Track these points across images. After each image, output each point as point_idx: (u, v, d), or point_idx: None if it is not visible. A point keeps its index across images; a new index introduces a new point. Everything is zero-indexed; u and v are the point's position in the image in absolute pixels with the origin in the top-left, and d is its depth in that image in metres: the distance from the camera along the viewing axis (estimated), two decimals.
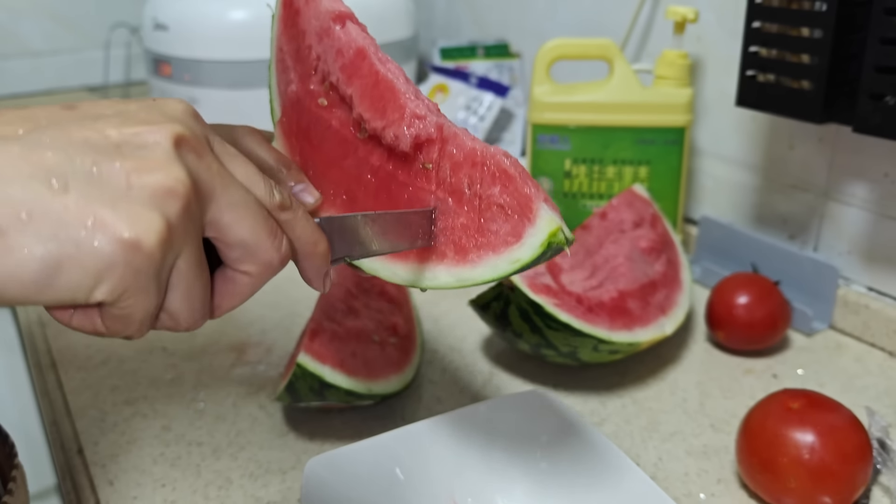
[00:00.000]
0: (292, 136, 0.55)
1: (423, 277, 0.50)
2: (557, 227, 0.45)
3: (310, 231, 0.44)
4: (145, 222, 0.34)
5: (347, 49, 0.51)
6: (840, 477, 0.59)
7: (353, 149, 0.52)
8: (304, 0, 0.54)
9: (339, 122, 0.53)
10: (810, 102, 0.75)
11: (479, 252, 0.47)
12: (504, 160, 0.47)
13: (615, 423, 0.72)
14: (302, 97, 0.54)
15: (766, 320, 0.80)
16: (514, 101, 1.30)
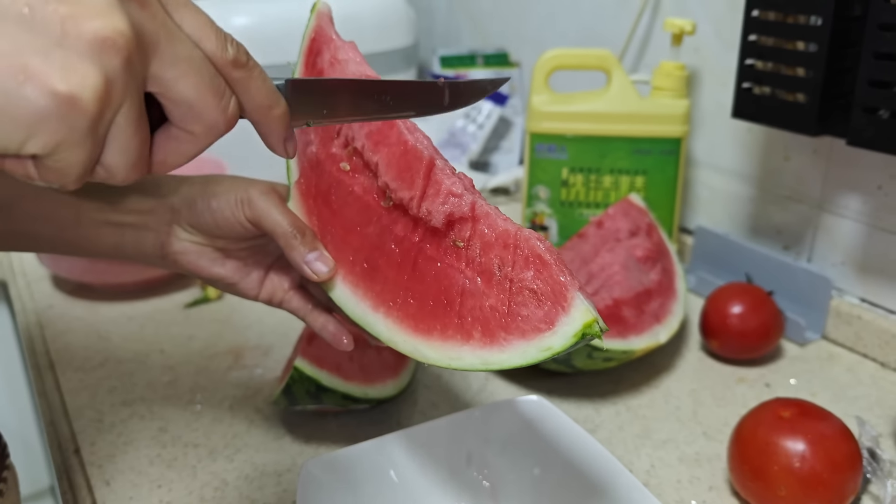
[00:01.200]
0: (310, 198, 0.55)
1: (446, 356, 0.48)
2: (593, 319, 0.43)
3: (265, 92, 0.41)
4: (81, 75, 0.31)
5: None
6: (830, 485, 0.59)
7: (377, 217, 0.51)
8: (329, 62, 0.54)
9: (362, 188, 0.52)
10: (805, 115, 0.76)
11: (508, 336, 0.46)
12: (538, 244, 0.46)
13: (609, 430, 0.72)
14: (322, 160, 0.54)
15: (760, 330, 0.81)
16: (512, 109, 1.30)
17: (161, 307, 0.94)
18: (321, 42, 0.55)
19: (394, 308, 0.51)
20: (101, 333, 0.88)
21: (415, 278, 0.50)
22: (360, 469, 0.58)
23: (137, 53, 0.33)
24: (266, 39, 1.12)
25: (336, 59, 0.53)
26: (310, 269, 0.53)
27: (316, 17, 0.56)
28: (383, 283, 0.51)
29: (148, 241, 0.57)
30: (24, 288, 0.99)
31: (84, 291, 0.97)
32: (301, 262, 0.53)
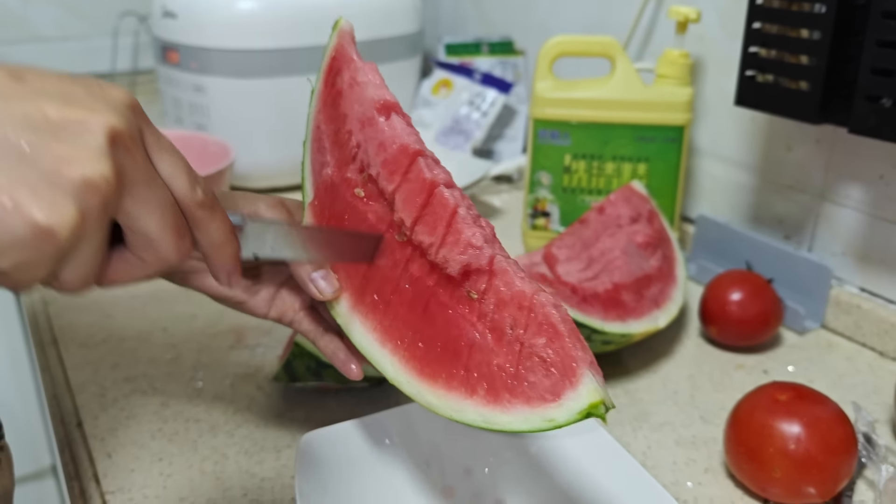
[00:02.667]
0: (323, 221, 0.54)
1: (449, 407, 0.47)
2: (600, 401, 0.43)
3: (221, 234, 0.44)
4: (62, 212, 0.35)
5: (391, 143, 0.50)
6: (824, 468, 0.60)
7: (390, 250, 0.51)
8: (349, 83, 0.53)
9: (376, 217, 0.51)
10: (807, 103, 0.76)
11: (513, 400, 0.45)
12: (554, 313, 0.46)
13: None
14: (337, 183, 0.53)
15: (759, 317, 0.81)
16: (517, 97, 1.31)
17: (165, 286, 0.93)
18: (341, 61, 0.54)
19: (401, 347, 0.50)
20: (105, 311, 0.89)
21: (425, 321, 0.49)
22: (357, 443, 0.59)
23: (115, 194, 0.37)
24: (273, 23, 1.13)
25: (355, 81, 0.52)
26: (314, 287, 0.53)
27: (337, 36, 0.55)
28: (392, 319, 0.51)
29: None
30: None
31: None
32: (306, 279, 0.53)
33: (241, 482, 0.63)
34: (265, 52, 1.12)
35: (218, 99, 1.15)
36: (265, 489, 0.62)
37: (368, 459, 0.59)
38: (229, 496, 0.62)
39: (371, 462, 0.59)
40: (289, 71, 1.14)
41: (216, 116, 1.16)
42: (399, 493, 0.59)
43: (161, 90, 1.24)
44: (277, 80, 1.14)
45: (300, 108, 1.17)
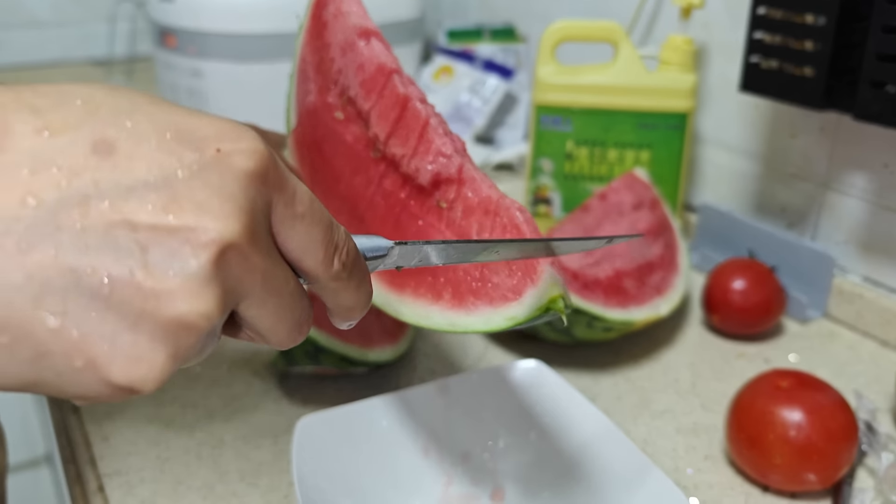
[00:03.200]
0: (304, 147, 0.55)
1: (416, 314, 0.48)
2: (559, 295, 0.44)
3: (353, 301, 0.35)
4: (147, 367, 0.27)
5: (369, 64, 0.51)
6: (825, 455, 0.59)
7: (365, 167, 0.52)
8: (333, 14, 0.54)
9: (354, 137, 0.52)
10: (812, 89, 0.76)
11: (476, 301, 0.46)
12: (518, 215, 0.46)
13: (607, 400, 0.72)
14: (319, 108, 0.54)
15: (761, 305, 0.81)
16: (518, 84, 1.30)
17: None
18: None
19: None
20: None
21: (397, 233, 0.50)
22: (355, 427, 0.58)
23: (221, 315, 0.28)
24: (271, 6, 1.12)
25: (339, 11, 0.54)
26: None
27: None
28: (366, 233, 0.51)
29: None
30: None
31: None
32: None
33: (238, 466, 0.63)
34: (264, 36, 1.11)
35: (216, 83, 1.14)
36: (262, 473, 0.62)
37: (366, 443, 0.58)
38: (226, 480, 0.61)
39: (369, 446, 0.58)
40: (287, 55, 1.13)
41: (214, 101, 1.15)
42: (397, 478, 0.58)
43: (158, 75, 1.23)
44: (276, 64, 1.13)
45: None
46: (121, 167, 0.26)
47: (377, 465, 0.58)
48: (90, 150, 0.26)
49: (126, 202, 0.26)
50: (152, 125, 0.27)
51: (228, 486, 0.61)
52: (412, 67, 1.31)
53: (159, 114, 0.28)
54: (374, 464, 0.58)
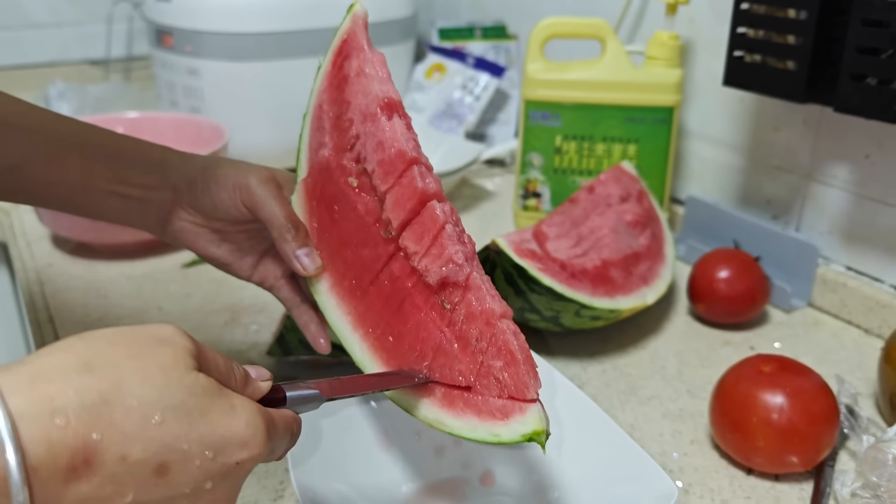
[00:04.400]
0: (314, 200, 0.56)
1: (404, 398, 0.51)
2: (542, 430, 0.46)
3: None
4: None
5: (390, 145, 0.52)
6: (806, 437, 0.61)
7: (374, 243, 0.53)
8: (356, 71, 0.55)
9: (366, 209, 0.53)
10: (794, 82, 0.78)
11: (466, 409, 0.49)
12: (512, 340, 0.48)
13: (595, 387, 0.74)
14: (332, 167, 0.55)
15: (746, 294, 0.82)
16: (509, 81, 1.31)
17: (159, 266, 0.95)
18: (351, 47, 0.55)
19: (371, 335, 0.53)
20: (100, 291, 0.90)
21: (398, 318, 0.52)
22: (348, 412, 0.60)
23: None
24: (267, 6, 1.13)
25: (363, 71, 0.54)
26: (298, 263, 0.55)
27: (351, 20, 0.56)
28: (367, 307, 0.53)
29: (151, 215, 0.60)
30: (25, 248, 1.01)
31: (83, 251, 0.98)
32: (291, 255, 0.55)
33: None
34: (259, 35, 1.13)
35: (212, 82, 1.15)
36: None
37: (359, 428, 0.60)
38: None
39: (362, 431, 0.60)
40: (283, 54, 1.15)
41: (210, 100, 1.16)
42: (390, 462, 0.60)
43: (156, 74, 1.25)
44: (271, 63, 1.14)
45: (294, 91, 1.18)
46: (170, 484, 0.35)
47: (370, 449, 0.60)
48: (153, 472, 0.34)
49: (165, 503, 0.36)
50: (200, 446, 0.36)
51: None
52: (405, 66, 1.32)
53: (207, 428, 0.36)
54: (366, 448, 0.60)
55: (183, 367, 0.37)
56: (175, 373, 0.36)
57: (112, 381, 0.34)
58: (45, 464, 0.31)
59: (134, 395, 0.34)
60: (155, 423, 0.34)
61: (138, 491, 0.34)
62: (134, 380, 0.35)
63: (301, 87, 1.17)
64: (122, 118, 1.11)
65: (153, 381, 0.35)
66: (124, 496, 0.34)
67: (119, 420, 0.33)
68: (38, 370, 0.33)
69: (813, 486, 0.62)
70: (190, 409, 0.36)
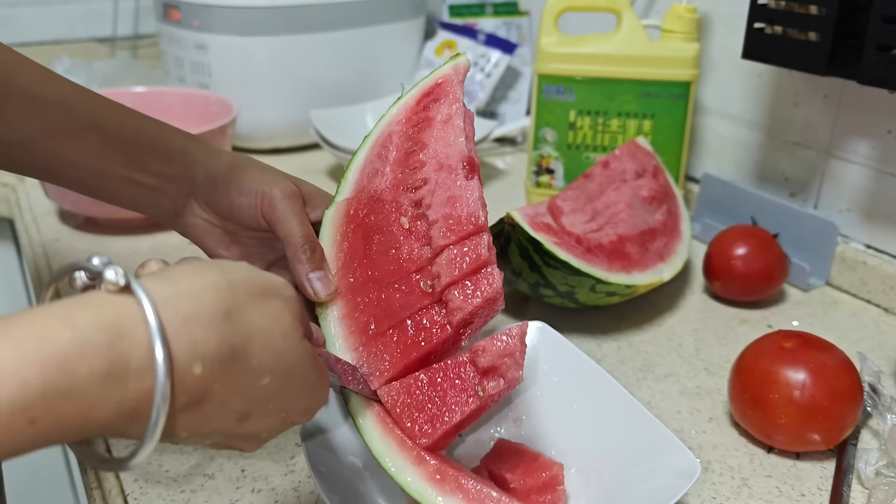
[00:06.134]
0: (351, 224, 0.54)
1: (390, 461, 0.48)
2: None
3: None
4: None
5: (463, 205, 0.51)
6: (829, 414, 0.60)
7: (409, 290, 0.51)
8: (444, 117, 0.54)
9: (409, 254, 0.52)
10: (816, 54, 0.76)
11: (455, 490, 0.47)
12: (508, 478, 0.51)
13: (610, 364, 0.73)
14: (385, 200, 0.53)
15: (764, 272, 0.81)
16: (521, 59, 1.30)
17: (167, 241, 0.94)
18: (444, 92, 0.55)
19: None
20: None
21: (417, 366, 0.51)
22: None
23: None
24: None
25: (451, 121, 0.53)
26: (310, 287, 0.53)
27: (452, 68, 0.56)
28: (380, 350, 0.51)
29: (164, 205, 0.59)
30: (31, 223, 0.99)
31: (90, 226, 0.97)
32: (303, 277, 0.53)
33: None
34: (268, 8, 1.11)
35: (220, 57, 1.14)
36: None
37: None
38: None
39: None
40: (292, 29, 1.13)
41: (218, 75, 1.15)
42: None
43: (162, 50, 1.23)
44: (280, 37, 1.13)
45: (303, 66, 1.17)
46: (243, 428, 0.39)
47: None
48: (237, 418, 0.38)
49: (225, 439, 0.40)
50: (280, 409, 0.40)
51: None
52: (415, 43, 1.30)
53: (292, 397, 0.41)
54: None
55: (299, 335, 0.40)
56: (292, 340, 0.39)
57: (244, 337, 0.36)
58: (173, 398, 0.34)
59: (256, 356, 0.37)
60: (262, 384, 0.37)
61: (217, 427, 0.37)
62: (260, 341, 0.37)
63: (310, 62, 1.16)
64: (129, 92, 1.09)
65: (275, 346, 0.38)
66: (205, 428, 0.36)
67: (238, 376, 0.36)
68: (192, 311, 0.34)
69: (835, 465, 0.61)
70: (291, 378, 0.39)
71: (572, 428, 0.58)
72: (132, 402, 0.32)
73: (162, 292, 0.34)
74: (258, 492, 0.57)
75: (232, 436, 0.39)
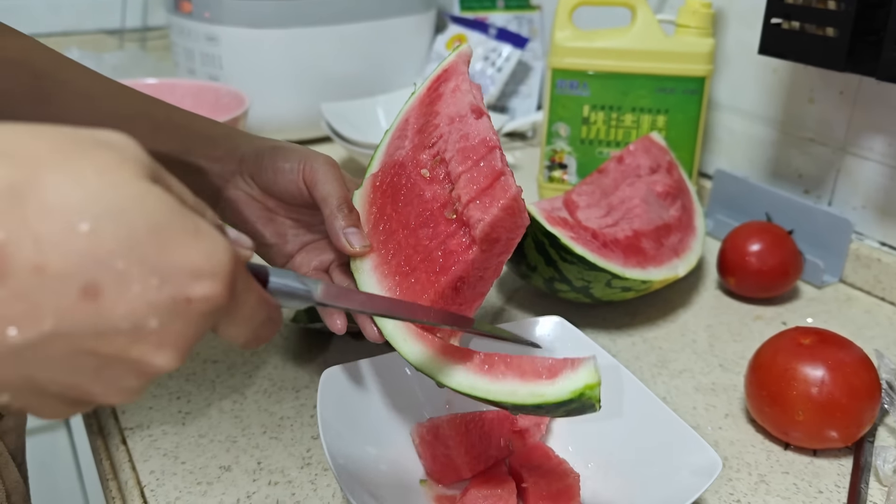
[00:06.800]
0: (378, 191, 0.56)
1: (441, 368, 0.48)
2: (596, 383, 0.44)
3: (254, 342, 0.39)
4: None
5: (474, 136, 0.53)
6: (848, 412, 0.59)
7: (435, 223, 0.53)
8: (452, 89, 0.56)
9: (432, 194, 0.54)
10: (834, 50, 0.75)
11: (506, 371, 0.47)
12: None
13: (625, 359, 0.72)
14: (407, 162, 0.56)
15: (778, 268, 0.81)
16: (532, 53, 1.29)
17: None
18: (451, 74, 0.57)
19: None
20: None
21: (454, 297, 0.52)
22: (379, 377, 0.58)
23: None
24: None
25: (459, 88, 0.55)
26: (345, 240, 0.54)
27: (456, 56, 0.58)
28: (413, 283, 0.52)
29: (207, 184, 0.60)
30: None
31: None
32: (339, 232, 0.54)
33: (259, 420, 0.63)
34: (279, 1, 1.10)
35: (231, 49, 1.13)
36: (284, 427, 0.62)
37: (388, 395, 0.58)
38: (248, 433, 0.62)
39: (391, 397, 0.58)
40: (302, 21, 1.12)
41: (228, 67, 1.14)
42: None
43: (173, 42, 1.23)
44: (291, 30, 1.12)
45: (313, 59, 1.16)
46: (102, 312, 0.29)
47: (399, 414, 0.58)
48: (78, 293, 0.28)
49: (96, 340, 0.29)
50: (143, 269, 0.29)
51: (251, 439, 0.61)
52: (426, 37, 1.30)
53: (154, 247, 0.29)
54: (396, 413, 0.58)
55: (130, 173, 0.29)
56: (116, 176, 0.29)
57: (27, 172, 0.27)
58: None
59: (55, 194, 0.27)
60: (82, 231, 0.28)
61: (60, 315, 0.28)
62: (57, 177, 0.28)
63: (321, 54, 1.16)
64: (141, 84, 1.09)
65: (83, 182, 0.28)
66: (41, 319, 0.28)
67: (32, 220, 0.27)
68: None
69: (853, 462, 0.61)
70: (132, 223, 0.29)
71: (591, 424, 0.58)
72: None
73: None
74: (275, 484, 0.57)
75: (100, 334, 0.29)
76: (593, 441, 0.57)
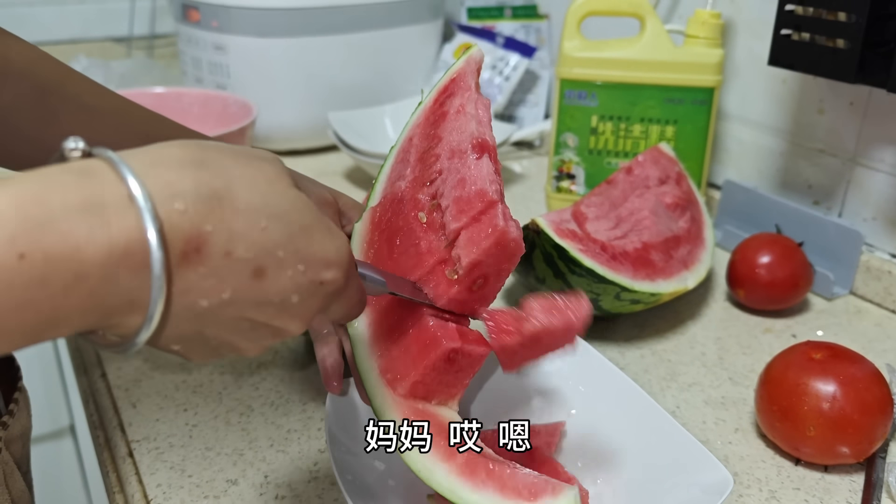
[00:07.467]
0: (376, 230, 0.54)
1: (420, 462, 0.47)
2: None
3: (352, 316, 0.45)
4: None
5: (471, 184, 0.49)
6: (860, 427, 0.59)
7: (436, 283, 0.50)
8: (457, 109, 0.53)
9: (428, 247, 0.50)
10: (845, 61, 0.75)
11: (487, 481, 0.46)
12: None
13: (634, 372, 0.72)
14: (406, 200, 0.53)
15: (788, 280, 0.80)
16: (539, 62, 1.29)
17: None
18: (458, 86, 0.54)
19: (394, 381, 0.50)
20: None
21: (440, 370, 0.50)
22: None
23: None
24: None
25: (464, 110, 0.52)
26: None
27: (465, 61, 0.55)
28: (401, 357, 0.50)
29: None
30: None
31: None
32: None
33: (266, 433, 0.63)
34: (286, 10, 1.11)
35: (238, 58, 1.13)
36: (292, 440, 0.62)
37: None
38: (255, 446, 0.61)
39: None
40: (310, 31, 1.12)
41: (236, 76, 1.14)
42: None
43: (180, 50, 1.23)
44: (298, 39, 1.12)
45: (320, 68, 1.16)
46: (263, 289, 0.36)
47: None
48: (251, 274, 0.35)
49: (255, 310, 0.36)
50: (295, 258, 0.37)
51: (258, 452, 0.61)
52: (433, 45, 1.30)
53: (304, 242, 0.37)
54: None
55: (287, 182, 0.38)
56: (280, 185, 0.37)
57: (224, 181, 0.35)
58: (166, 244, 0.32)
59: (242, 199, 0.35)
60: (260, 228, 0.35)
61: (235, 289, 0.35)
62: (243, 184, 0.35)
63: (328, 63, 1.16)
64: (148, 93, 1.09)
65: (260, 189, 0.36)
66: (223, 292, 0.35)
67: (228, 218, 0.34)
68: (156, 158, 0.33)
69: (864, 478, 0.60)
70: (291, 222, 0.37)
71: (600, 438, 0.57)
72: (121, 241, 0.31)
73: (124, 152, 0.33)
74: (282, 498, 0.56)
75: (259, 304, 0.36)
76: (603, 457, 0.57)
